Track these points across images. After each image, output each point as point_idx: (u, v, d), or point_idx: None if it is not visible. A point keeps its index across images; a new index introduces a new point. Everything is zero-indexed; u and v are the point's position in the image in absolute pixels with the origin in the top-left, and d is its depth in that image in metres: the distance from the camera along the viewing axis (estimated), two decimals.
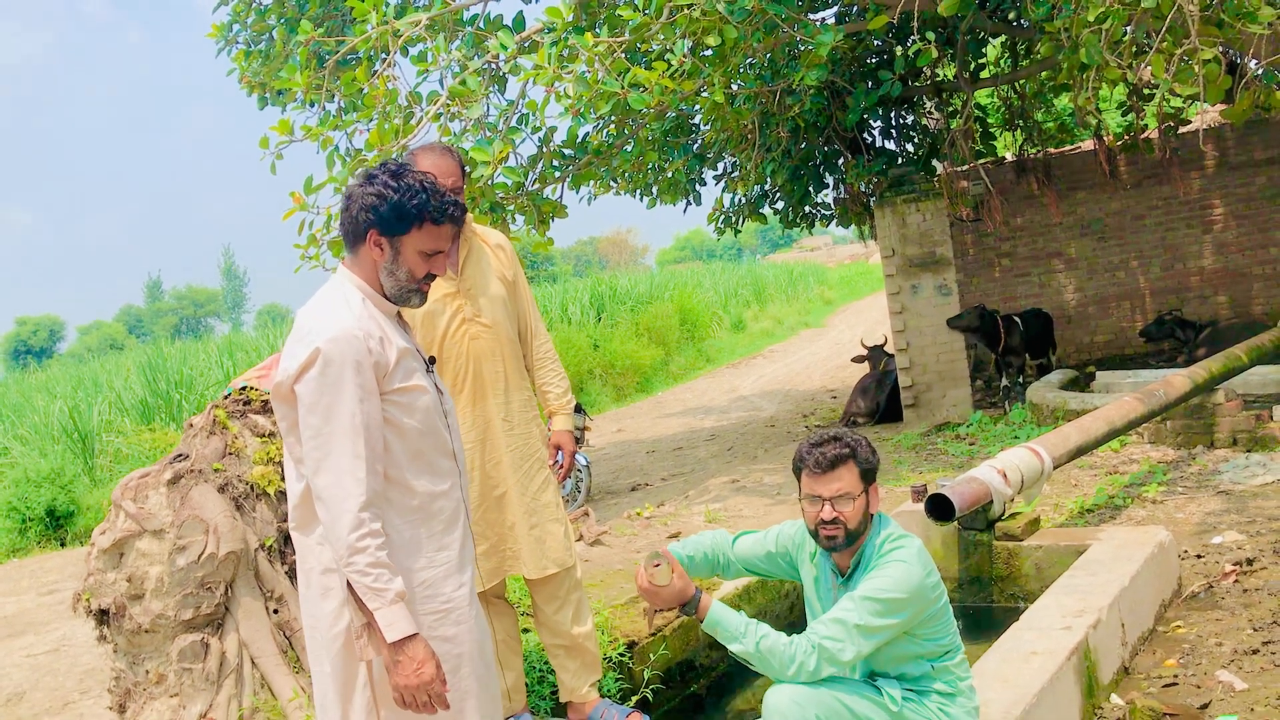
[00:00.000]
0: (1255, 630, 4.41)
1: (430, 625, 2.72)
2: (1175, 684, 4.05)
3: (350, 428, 2.55)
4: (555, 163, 8.27)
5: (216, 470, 4.38)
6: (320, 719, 2.79)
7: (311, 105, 8.33)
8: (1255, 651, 4.21)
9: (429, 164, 3.56)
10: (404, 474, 2.70)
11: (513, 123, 7.62)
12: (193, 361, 16.87)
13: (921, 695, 2.94)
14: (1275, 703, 3.76)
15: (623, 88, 6.54)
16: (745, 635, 2.81)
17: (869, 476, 2.96)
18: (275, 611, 4.38)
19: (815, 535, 2.99)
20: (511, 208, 8.10)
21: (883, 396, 11.48)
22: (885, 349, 12.24)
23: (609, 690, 4.22)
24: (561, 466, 3.89)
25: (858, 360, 12.69)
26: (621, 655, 4.42)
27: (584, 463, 9.05)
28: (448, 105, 7.15)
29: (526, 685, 3.95)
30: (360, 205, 2.67)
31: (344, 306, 2.66)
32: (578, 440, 8.41)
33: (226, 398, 4.68)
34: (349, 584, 2.57)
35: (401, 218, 2.66)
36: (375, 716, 2.69)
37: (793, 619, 5.06)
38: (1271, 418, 7.67)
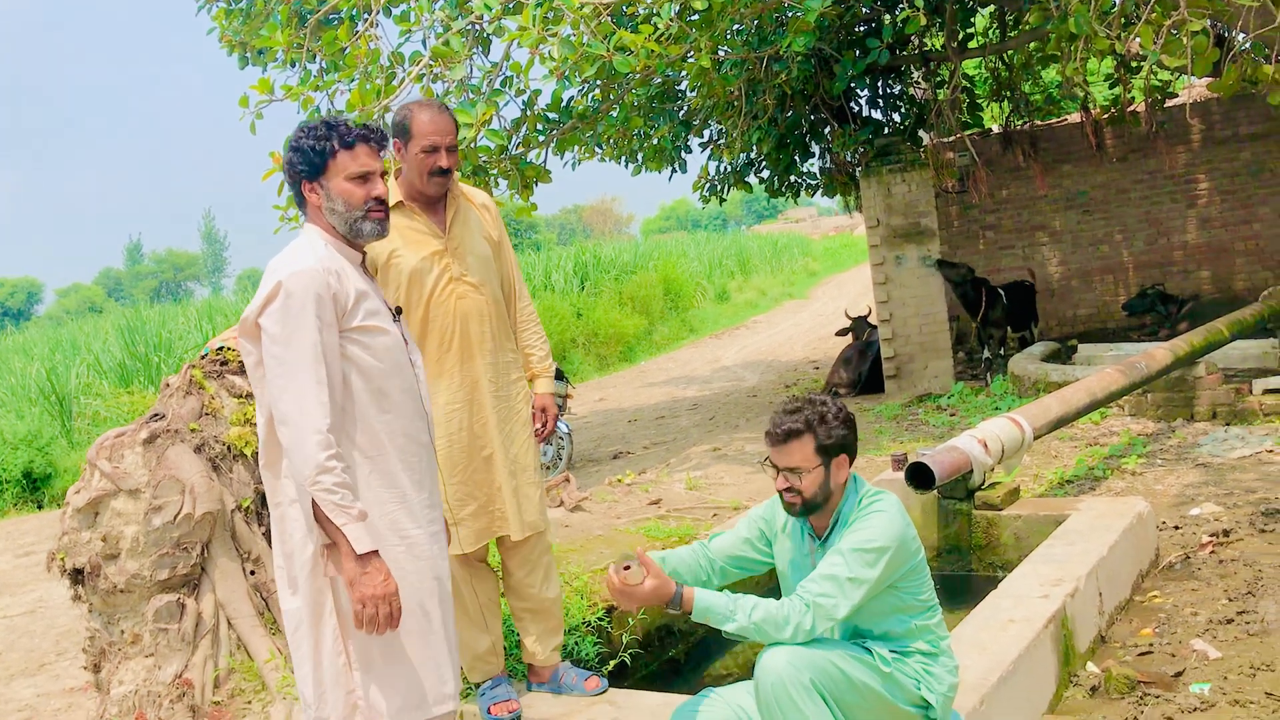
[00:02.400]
0: (1230, 600, 4.44)
1: (390, 560, 2.77)
2: (1150, 652, 4.07)
3: (312, 355, 2.67)
4: (539, 126, 8.17)
5: (193, 430, 4.35)
6: (294, 656, 2.82)
7: (292, 65, 8.23)
8: (1230, 621, 4.23)
9: (424, 120, 3.53)
10: (365, 410, 2.79)
11: (496, 85, 7.53)
12: (172, 325, 16.76)
13: (905, 655, 2.94)
14: (1248, 671, 3.78)
15: (608, 50, 6.46)
16: (736, 613, 2.80)
17: (830, 451, 2.94)
18: (252, 573, 4.36)
19: (780, 497, 3.01)
20: (494, 172, 8.02)
21: (865, 367, 11.49)
22: (869, 320, 12.24)
23: (586, 655, 4.22)
24: (544, 429, 3.87)
25: (842, 334, 12.70)
26: (600, 620, 4.42)
27: (565, 430, 9.02)
28: (430, 66, 7.06)
29: (505, 649, 3.94)
30: (288, 166, 2.87)
31: (307, 249, 2.81)
32: (559, 407, 8.37)
33: (204, 358, 4.63)
34: (313, 504, 2.67)
35: (316, 155, 2.82)
36: (343, 645, 2.76)
37: (771, 584, 5.06)
38: (1251, 391, 7.70)
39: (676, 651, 4.71)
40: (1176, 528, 5.47)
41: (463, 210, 3.72)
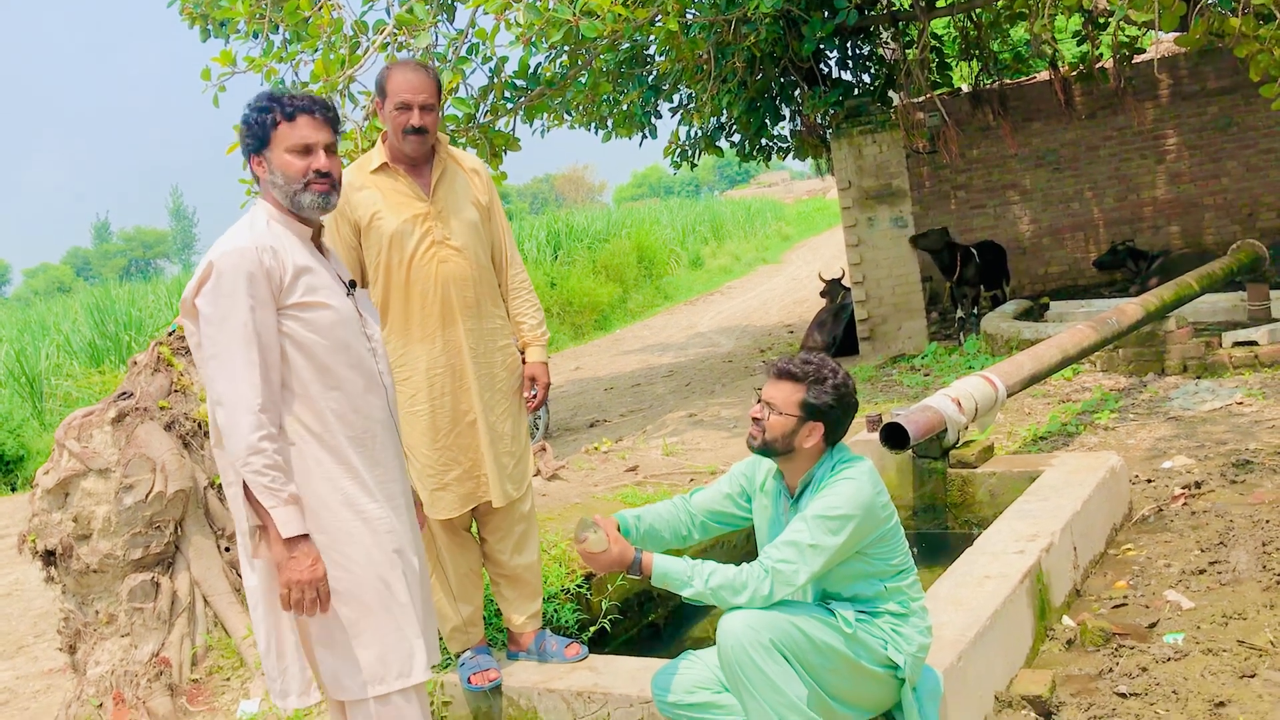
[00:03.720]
0: (1202, 551, 4.48)
1: (346, 534, 2.76)
2: (1125, 604, 4.11)
3: (243, 336, 2.64)
4: (507, 94, 8.09)
5: (162, 408, 4.30)
6: (255, 632, 2.82)
7: (255, 36, 8.10)
8: (1202, 572, 4.28)
9: (399, 78, 3.48)
10: (307, 387, 2.76)
11: (462, 52, 7.45)
12: (142, 303, 16.58)
13: (874, 616, 2.95)
14: (1220, 620, 3.83)
15: (574, 15, 6.39)
16: (694, 578, 2.80)
17: (811, 410, 2.93)
18: (227, 549, 4.34)
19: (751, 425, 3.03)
20: (463, 141, 7.95)
21: (839, 330, 11.50)
22: (843, 282, 12.25)
23: (566, 622, 4.22)
24: (535, 398, 3.84)
25: (826, 294, 12.66)
26: (579, 587, 4.42)
27: None
28: (395, 34, 6.97)
29: (484, 618, 3.94)
30: (240, 140, 2.85)
31: (246, 227, 2.78)
32: None
33: (171, 334, 4.58)
34: (244, 485, 2.65)
35: (259, 128, 2.79)
36: (298, 621, 2.76)
37: (749, 549, 5.07)
38: (1221, 344, 7.77)
39: (656, 616, 4.72)
40: (1149, 481, 5.52)
41: (449, 173, 3.67)
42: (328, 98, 2.98)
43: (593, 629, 4.24)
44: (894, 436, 4.81)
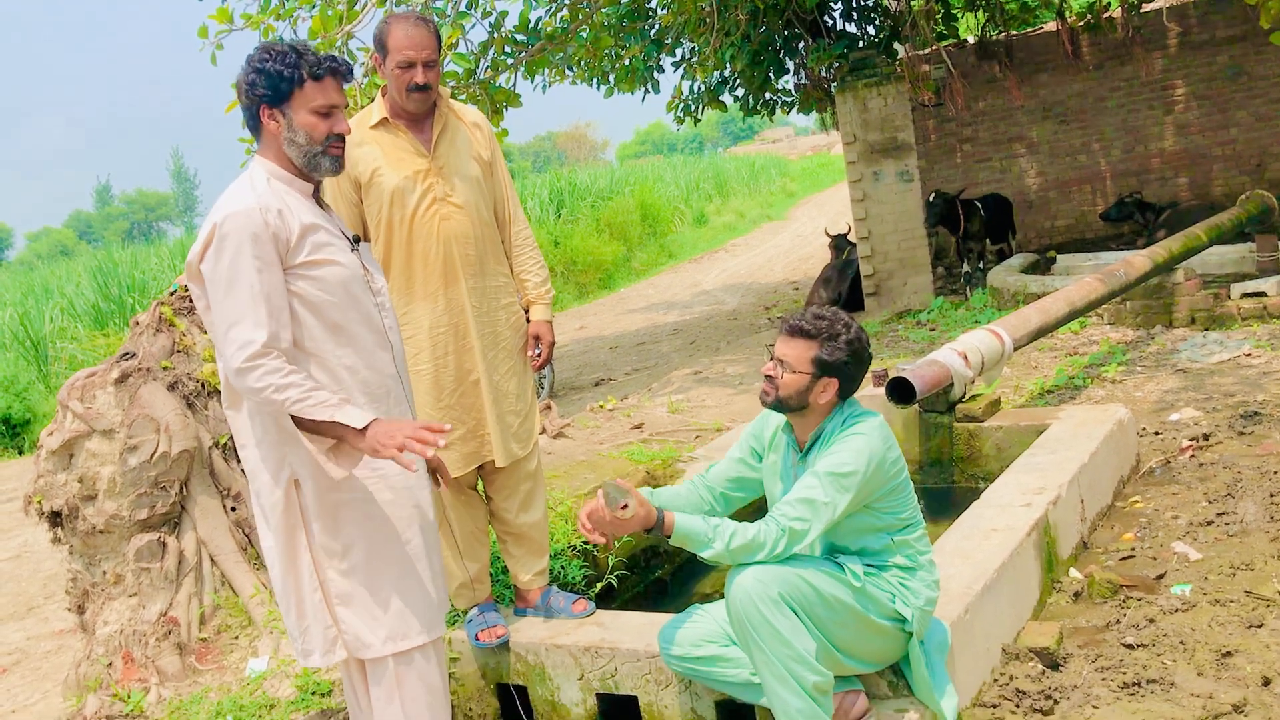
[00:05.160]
0: (1210, 503, 4.47)
1: (365, 491, 2.76)
2: (1132, 556, 4.11)
3: (250, 296, 2.60)
4: (507, 49, 8.01)
5: (165, 368, 4.29)
6: (276, 592, 2.83)
7: None
8: (1209, 523, 4.27)
9: (400, 34, 3.41)
10: (320, 346, 2.73)
11: (462, 7, 7.37)
12: (145, 266, 16.57)
13: (881, 570, 2.94)
14: (1228, 571, 3.82)
15: None
16: (715, 539, 2.79)
17: (825, 367, 2.91)
18: (233, 509, 4.34)
19: (763, 381, 3.01)
20: (463, 97, 7.87)
21: (844, 286, 11.45)
22: (849, 238, 12.17)
23: (573, 578, 4.23)
24: (539, 356, 3.81)
25: (832, 248, 12.58)
26: (585, 544, 4.42)
27: None
28: None
29: (491, 576, 3.94)
30: (245, 88, 2.73)
31: (248, 187, 2.71)
32: None
33: (173, 294, 4.55)
34: (294, 422, 2.62)
35: (281, 82, 2.70)
36: (318, 580, 2.75)
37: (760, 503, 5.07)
38: (1229, 296, 7.72)
39: (663, 572, 4.72)
40: (1157, 433, 5.50)
41: (451, 128, 3.61)
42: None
43: (599, 585, 4.25)
44: (900, 391, 4.78)
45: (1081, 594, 3.83)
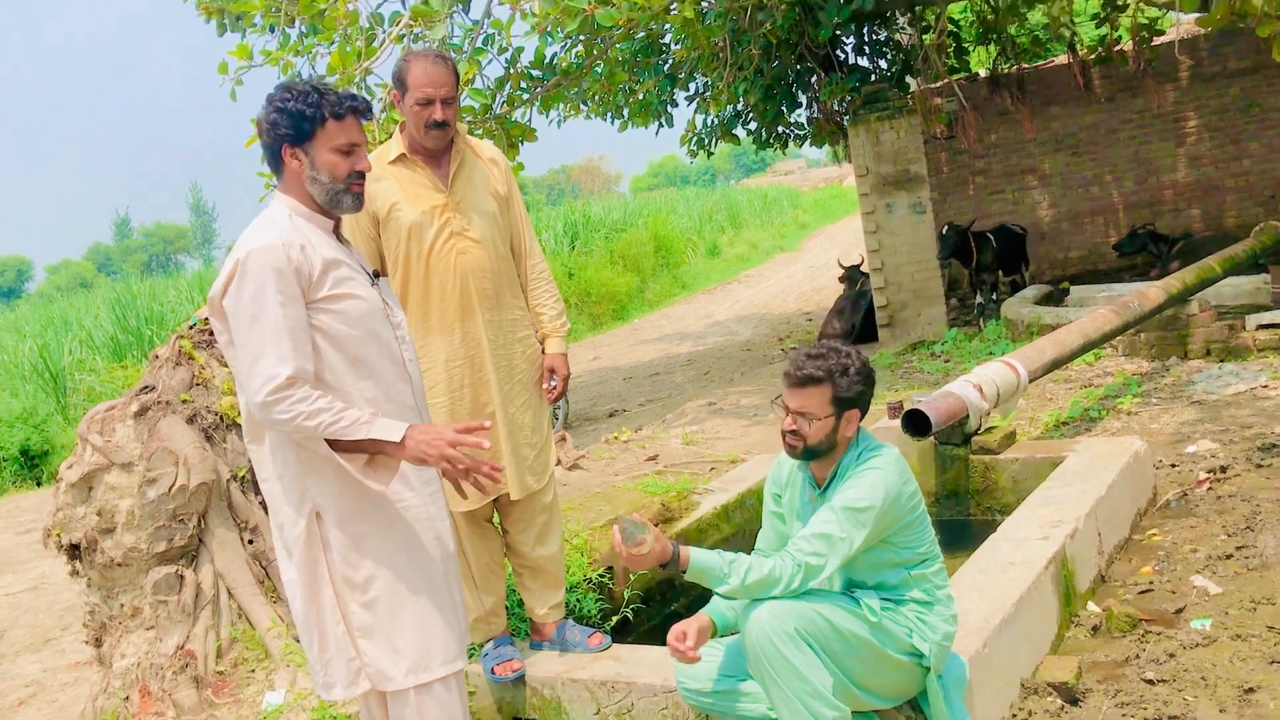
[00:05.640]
0: (1229, 536, 4.44)
1: (388, 522, 2.77)
2: (1151, 590, 4.08)
3: (274, 330, 2.62)
4: (523, 84, 8.09)
5: (184, 401, 4.32)
6: (298, 625, 2.83)
7: (271, 29, 8.11)
8: (1229, 556, 4.24)
9: (419, 71, 3.46)
10: (341, 379, 2.74)
11: (478, 43, 7.43)
12: (163, 298, 16.67)
13: (899, 604, 2.94)
14: (1248, 605, 3.79)
15: (590, 4, 6.38)
16: (730, 574, 2.79)
17: (845, 403, 2.92)
18: (250, 541, 4.35)
19: (783, 436, 2.99)
20: (480, 132, 7.94)
21: (858, 317, 11.46)
22: (861, 269, 12.19)
23: (589, 612, 4.22)
24: (555, 389, 3.82)
25: (844, 280, 12.61)
26: (601, 576, 4.42)
27: None
28: (410, 26, 6.96)
29: (507, 609, 3.94)
30: (266, 127, 2.76)
31: (270, 223, 2.73)
32: None
33: (192, 328, 4.59)
34: (330, 445, 2.65)
35: (303, 121, 2.73)
36: (340, 613, 2.76)
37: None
38: (1244, 327, 7.69)
39: (679, 605, 4.71)
40: (1173, 466, 5.47)
41: (468, 163, 3.66)
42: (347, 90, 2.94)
43: (615, 618, 4.24)
44: (916, 423, 4.78)
45: (1100, 628, 3.81)
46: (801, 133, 12.90)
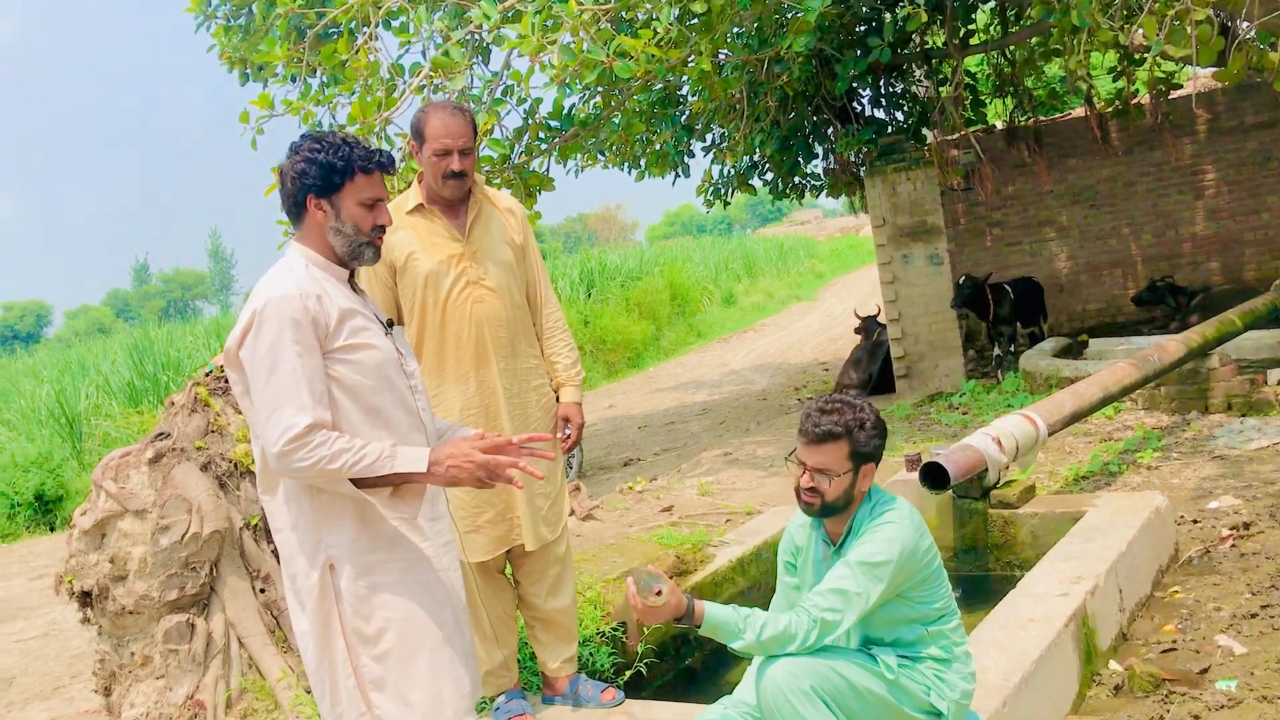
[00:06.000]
0: (1253, 594, 4.37)
1: (401, 573, 2.74)
2: (1174, 649, 4.01)
3: (292, 380, 2.61)
4: (541, 135, 8.15)
5: (199, 448, 4.31)
6: (310, 677, 2.80)
7: (292, 79, 8.22)
8: (1254, 615, 4.17)
9: (437, 122, 3.49)
10: (356, 429, 2.72)
11: (497, 94, 7.51)
12: (180, 344, 16.75)
13: (916, 661, 2.89)
14: (1275, 666, 3.72)
15: (608, 56, 6.43)
16: (745, 629, 2.76)
17: (863, 458, 2.89)
18: (262, 591, 4.32)
19: (797, 493, 2.94)
20: (498, 181, 7.99)
21: (875, 368, 11.42)
22: (878, 319, 12.17)
23: (602, 666, 4.17)
24: (569, 438, 3.81)
25: (860, 331, 12.60)
26: (615, 630, 4.37)
27: None
28: (431, 77, 7.04)
29: (519, 662, 3.90)
30: (292, 175, 2.75)
31: (286, 273, 2.73)
32: None
33: (208, 375, 4.59)
34: (354, 484, 2.63)
35: (332, 174, 2.73)
36: (351, 666, 2.72)
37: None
38: (1266, 382, 7.63)
39: (693, 660, 4.65)
40: (1195, 522, 5.40)
41: (485, 213, 3.67)
42: (365, 140, 2.95)
43: (629, 673, 4.19)
44: (934, 476, 4.74)
45: (1122, 687, 3.74)
46: (818, 183, 12.95)
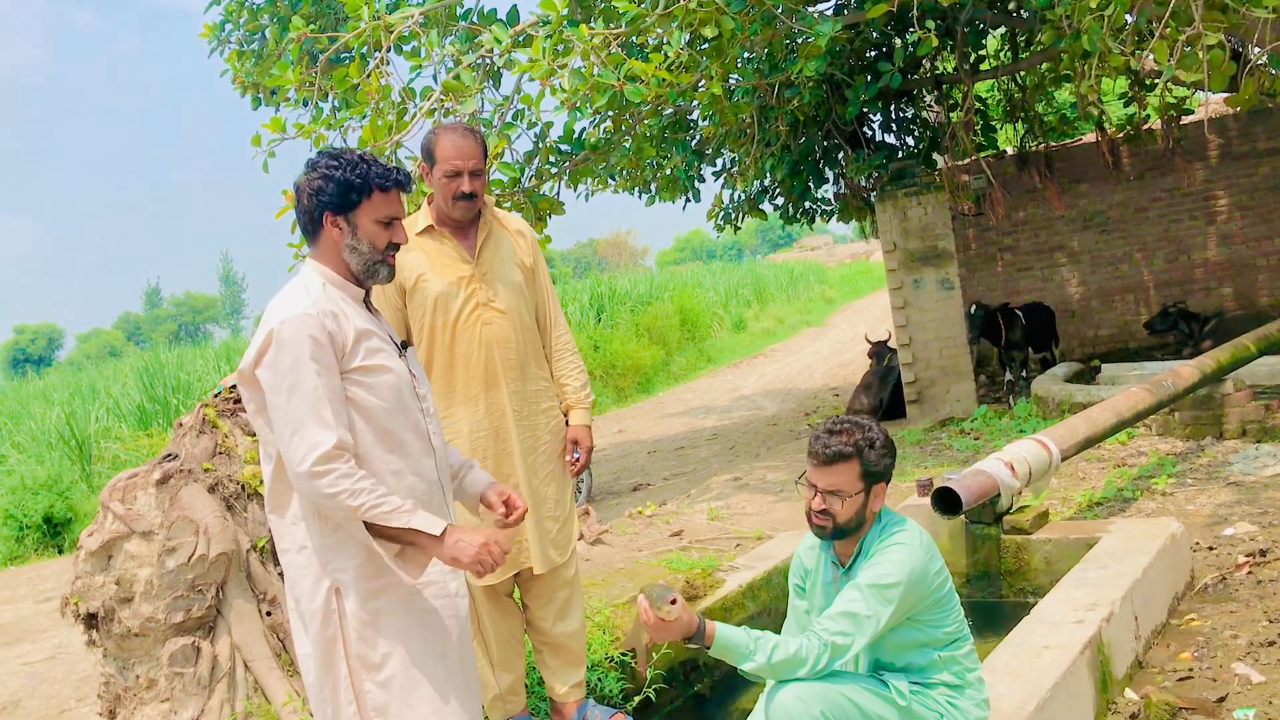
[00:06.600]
0: (1271, 622, 4.31)
1: (410, 599, 2.72)
2: (1190, 677, 3.96)
3: (314, 399, 2.58)
4: (551, 159, 8.16)
5: (206, 470, 4.29)
6: (311, 701, 2.78)
7: (304, 103, 8.25)
8: (1271, 643, 4.11)
9: (448, 144, 3.49)
10: (369, 451, 2.70)
11: (508, 118, 7.54)
12: (190, 367, 16.79)
13: (928, 688, 2.85)
14: None
15: (619, 80, 6.44)
16: (756, 651, 2.72)
17: (874, 478, 2.87)
18: (268, 614, 4.29)
19: (808, 516, 2.91)
20: (508, 205, 8.00)
21: (885, 393, 11.38)
22: (889, 345, 12.14)
23: (610, 691, 4.13)
24: (578, 461, 3.78)
25: (872, 355, 12.56)
26: (624, 655, 4.33)
27: None
28: (441, 101, 7.07)
29: (526, 687, 3.86)
30: (309, 192, 2.73)
31: (303, 291, 2.71)
32: None
33: (216, 396, 4.58)
34: (367, 526, 2.60)
35: (350, 192, 2.71)
36: (353, 692, 2.70)
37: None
38: None
39: (702, 686, 4.61)
40: (1211, 548, 5.34)
41: (495, 235, 3.67)
42: None
43: (637, 699, 4.15)
44: (946, 502, 4.69)
45: (1138, 716, 3.68)
46: (828, 208, 12.95)
